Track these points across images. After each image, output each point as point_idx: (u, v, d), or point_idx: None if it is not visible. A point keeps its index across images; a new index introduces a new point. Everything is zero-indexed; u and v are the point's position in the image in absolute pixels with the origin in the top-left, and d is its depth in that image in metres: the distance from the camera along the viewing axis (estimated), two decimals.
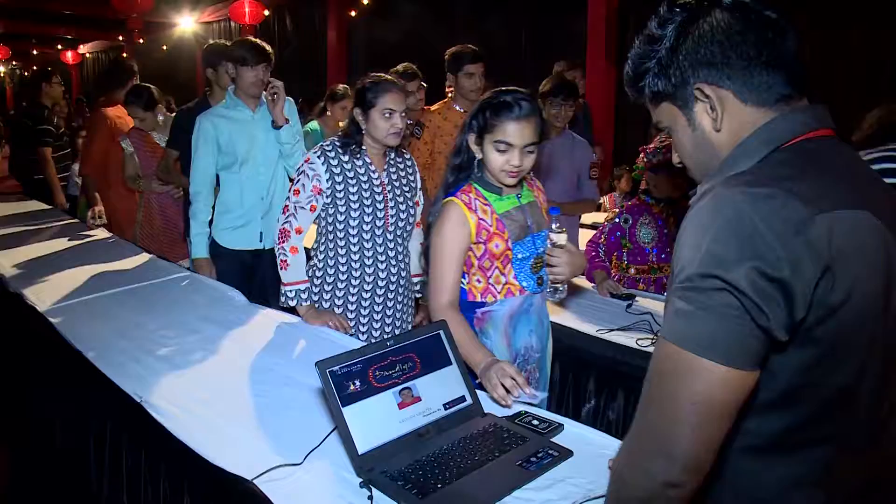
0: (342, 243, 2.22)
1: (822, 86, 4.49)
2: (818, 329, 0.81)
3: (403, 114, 2.16)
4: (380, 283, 2.25)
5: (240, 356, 1.96)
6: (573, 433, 1.48)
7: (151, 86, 3.70)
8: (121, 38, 13.16)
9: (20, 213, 4.14)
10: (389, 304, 2.30)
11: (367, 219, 2.20)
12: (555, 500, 1.23)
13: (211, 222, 2.88)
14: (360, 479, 1.29)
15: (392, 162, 2.30)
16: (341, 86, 4.46)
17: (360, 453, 1.32)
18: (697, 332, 0.79)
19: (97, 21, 12.41)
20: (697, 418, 0.79)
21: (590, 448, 1.41)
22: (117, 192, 3.96)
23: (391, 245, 2.26)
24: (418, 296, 2.44)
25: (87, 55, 16.18)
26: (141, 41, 12.64)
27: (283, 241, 2.20)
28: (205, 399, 1.68)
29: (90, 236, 3.51)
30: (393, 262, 2.27)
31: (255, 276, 2.98)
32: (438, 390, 1.49)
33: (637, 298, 2.56)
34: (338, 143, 2.23)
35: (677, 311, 0.82)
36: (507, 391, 1.58)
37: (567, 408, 2.24)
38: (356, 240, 2.21)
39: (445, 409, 1.48)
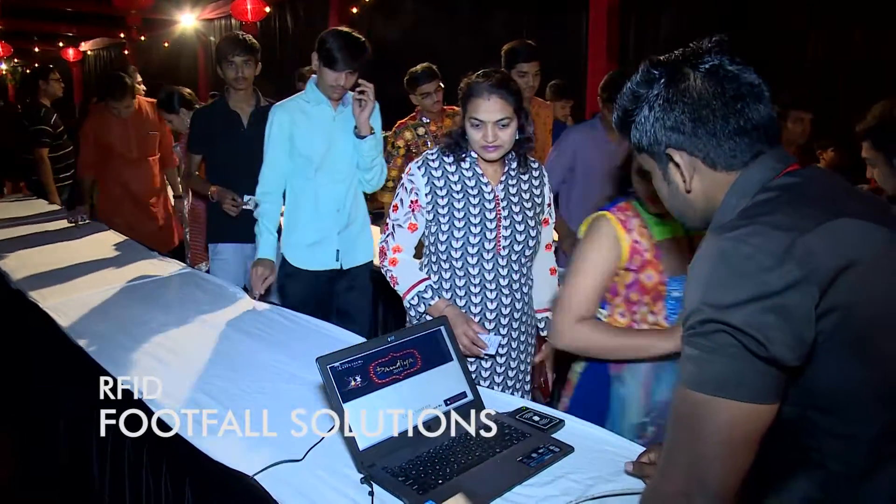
0: (445, 266, 1.93)
1: (824, 85, 4.49)
2: (835, 337, 0.83)
3: (506, 122, 1.79)
4: (488, 315, 1.92)
5: (241, 352, 1.96)
6: (574, 429, 1.48)
7: (181, 88, 3.67)
8: (122, 35, 13.16)
9: (24, 212, 4.14)
10: (502, 340, 1.95)
11: (472, 239, 1.88)
12: (555, 496, 1.23)
13: (279, 232, 2.55)
14: (361, 475, 1.29)
15: (513, 172, 1.94)
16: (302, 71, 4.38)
17: (360, 449, 1.32)
18: (708, 374, 0.84)
19: (98, 18, 12.41)
20: (725, 453, 0.83)
21: (591, 444, 1.41)
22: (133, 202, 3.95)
23: (503, 272, 1.91)
24: (543, 333, 2.06)
25: (89, 52, 16.16)
26: (142, 38, 12.64)
27: (383, 259, 1.95)
28: (206, 395, 1.68)
29: (91, 233, 3.51)
30: (506, 291, 1.92)
31: (333, 301, 2.63)
32: (439, 386, 1.49)
33: None
34: (442, 147, 1.92)
35: (687, 357, 0.86)
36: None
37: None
38: (460, 264, 1.90)
39: (446, 404, 1.48)
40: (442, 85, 3.57)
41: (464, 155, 1.90)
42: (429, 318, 1.86)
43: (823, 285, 0.81)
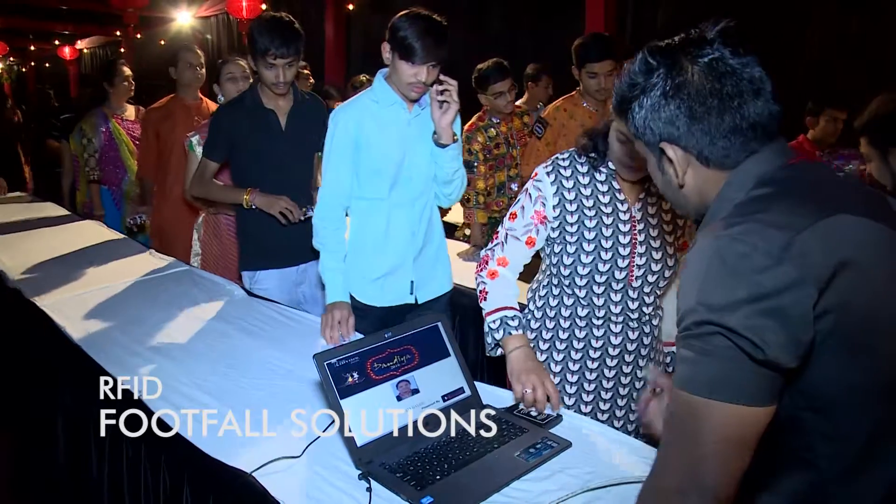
0: (568, 292, 1.71)
1: (822, 75, 4.49)
2: (833, 337, 0.82)
3: None
4: (611, 350, 1.72)
5: (238, 349, 1.96)
6: (571, 424, 1.48)
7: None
8: (118, 33, 13.13)
9: (27, 215, 4.12)
10: (624, 378, 1.75)
11: (602, 267, 1.65)
12: (553, 491, 1.24)
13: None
14: (359, 472, 1.29)
15: (653, 190, 1.64)
16: (359, 78, 4.21)
17: (358, 445, 1.32)
18: (702, 376, 0.83)
19: (94, 16, 12.38)
20: (721, 454, 0.83)
21: (588, 439, 1.42)
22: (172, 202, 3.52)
23: (633, 305, 1.69)
24: (671, 370, 1.83)
25: (85, 51, 16.12)
26: (138, 36, 12.61)
27: (481, 269, 1.71)
28: (204, 392, 1.68)
29: (88, 231, 3.50)
30: (633, 324, 1.71)
31: None
32: (437, 382, 1.49)
33: None
34: (576, 153, 1.68)
35: (683, 358, 0.85)
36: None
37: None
38: (584, 293, 1.69)
39: (444, 400, 1.48)
40: (514, 83, 3.26)
41: (600, 164, 1.65)
42: (501, 348, 1.66)
43: (821, 285, 0.79)
